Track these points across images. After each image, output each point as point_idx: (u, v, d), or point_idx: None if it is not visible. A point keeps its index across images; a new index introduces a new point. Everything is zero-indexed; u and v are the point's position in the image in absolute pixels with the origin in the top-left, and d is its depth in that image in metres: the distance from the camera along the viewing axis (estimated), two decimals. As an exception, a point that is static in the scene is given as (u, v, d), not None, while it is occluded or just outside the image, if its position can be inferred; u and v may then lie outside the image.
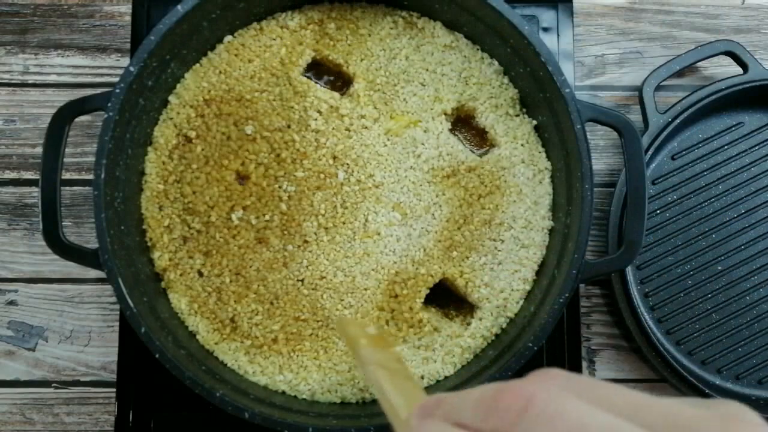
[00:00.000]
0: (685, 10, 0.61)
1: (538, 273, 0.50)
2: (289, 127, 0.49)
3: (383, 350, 0.37)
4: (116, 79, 0.44)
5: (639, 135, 0.46)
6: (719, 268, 0.56)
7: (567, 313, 0.55)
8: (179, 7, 0.45)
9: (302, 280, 0.48)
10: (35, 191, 0.56)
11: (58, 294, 0.55)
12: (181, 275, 0.48)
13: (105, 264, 0.43)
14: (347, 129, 0.49)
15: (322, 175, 0.49)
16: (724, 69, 0.59)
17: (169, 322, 0.46)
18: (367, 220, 0.49)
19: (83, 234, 0.56)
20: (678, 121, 0.55)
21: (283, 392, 0.47)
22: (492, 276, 0.49)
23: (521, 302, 0.49)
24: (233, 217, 0.48)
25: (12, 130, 0.56)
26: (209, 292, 0.48)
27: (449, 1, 0.49)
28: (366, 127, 0.49)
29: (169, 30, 0.45)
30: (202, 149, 0.48)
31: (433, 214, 0.49)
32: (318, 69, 0.52)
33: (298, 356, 0.48)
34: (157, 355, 0.42)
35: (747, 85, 0.55)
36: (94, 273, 0.54)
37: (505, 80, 0.51)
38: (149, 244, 0.48)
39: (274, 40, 0.50)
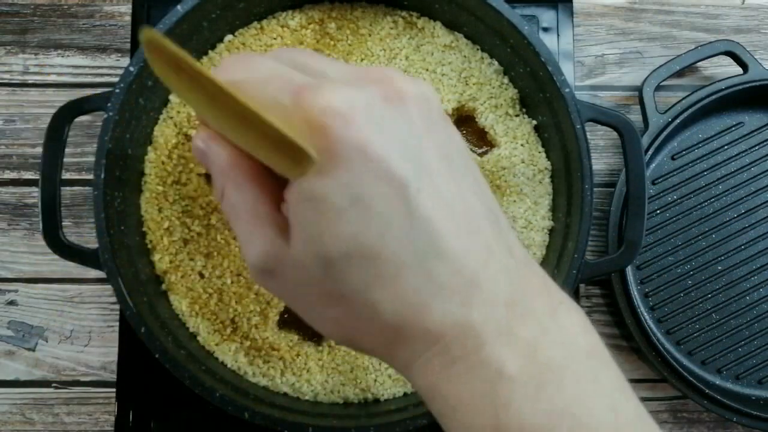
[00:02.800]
0: (685, 10, 0.61)
1: (538, 273, 0.50)
2: (289, 127, 0.49)
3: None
4: (116, 79, 0.44)
5: (639, 135, 0.46)
6: (719, 268, 0.56)
7: (567, 313, 0.55)
8: (179, 7, 0.45)
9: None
10: (35, 191, 0.56)
11: (58, 294, 0.55)
12: (182, 277, 0.48)
13: (105, 264, 0.43)
14: (347, 129, 0.49)
15: (322, 175, 0.49)
16: (724, 69, 0.59)
17: (170, 322, 0.46)
18: (367, 220, 0.49)
19: (83, 234, 0.56)
20: (678, 121, 0.55)
21: (285, 394, 0.47)
22: (492, 276, 0.49)
23: (521, 302, 0.49)
24: (233, 217, 0.48)
25: (12, 130, 0.56)
26: (210, 294, 0.47)
27: (449, 1, 0.49)
28: (366, 127, 0.49)
29: (169, 30, 0.45)
30: (202, 149, 0.48)
31: (433, 214, 0.49)
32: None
33: (300, 358, 0.48)
34: (157, 355, 0.42)
35: (747, 85, 0.55)
36: (94, 273, 0.54)
37: (505, 80, 0.51)
38: (149, 246, 0.48)
39: (274, 39, 0.50)
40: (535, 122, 0.51)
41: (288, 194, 0.23)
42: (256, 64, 0.24)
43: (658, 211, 0.56)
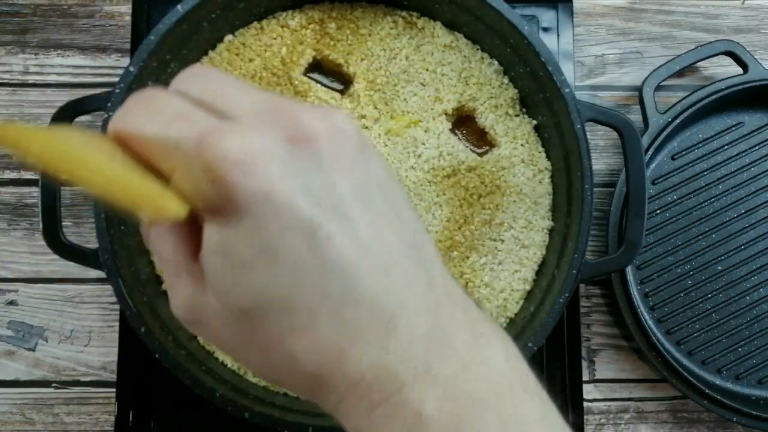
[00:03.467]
0: (685, 10, 0.61)
1: (538, 273, 0.50)
2: (289, 127, 0.49)
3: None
4: (116, 79, 0.44)
5: (639, 135, 0.46)
6: (719, 268, 0.56)
7: (567, 313, 0.55)
8: (179, 7, 0.45)
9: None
10: (35, 191, 0.56)
11: (58, 294, 0.55)
12: (181, 275, 0.48)
13: (105, 264, 0.43)
14: (347, 129, 0.49)
15: (322, 175, 0.49)
16: (724, 69, 0.59)
17: (170, 322, 0.46)
18: (367, 220, 0.49)
19: (83, 234, 0.56)
20: (678, 121, 0.55)
21: (285, 394, 0.47)
22: (492, 276, 0.49)
23: (521, 302, 0.49)
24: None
25: (12, 130, 0.56)
26: (209, 292, 0.47)
27: (449, 1, 0.49)
28: (367, 127, 0.49)
29: (169, 30, 0.45)
30: (202, 149, 0.48)
31: (433, 214, 0.49)
32: (318, 69, 0.52)
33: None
34: (157, 355, 0.42)
35: (747, 85, 0.55)
36: (94, 273, 0.54)
37: (505, 80, 0.51)
38: (149, 244, 0.48)
39: (274, 39, 0.50)
40: (535, 122, 0.51)
41: (201, 246, 0.23)
42: (160, 104, 0.23)
43: (658, 211, 0.56)
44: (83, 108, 0.45)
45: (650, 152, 0.54)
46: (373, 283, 0.22)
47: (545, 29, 0.57)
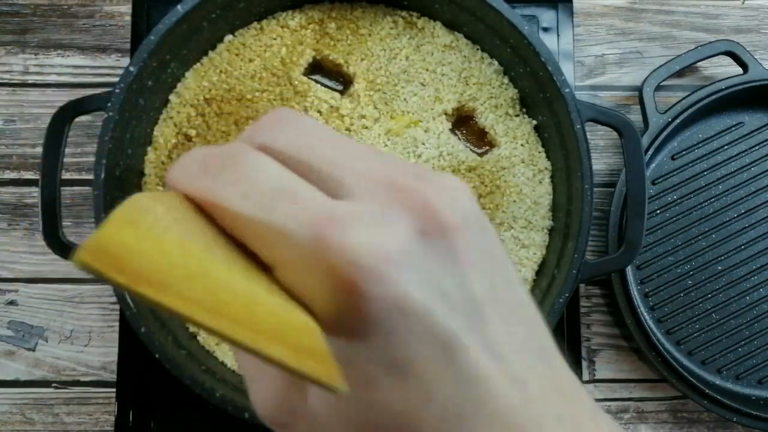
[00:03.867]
0: (685, 10, 0.61)
1: (538, 273, 0.50)
2: (289, 127, 0.49)
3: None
4: (116, 79, 0.44)
5: (639, 135, 0.46)
6: (719, 268, 0.56)
7: (567, 313, 0.55)
8: (179, 7, 0.45)
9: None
10: (35, 191, 0.56)
11: (58, 294, 0.55)
12: (181, 275, 0.48)
13: (105, 264, 0.43)
14: (348, 129, 0.49)
15: (322, 175, 0.49)
16: (724, 69, 0.59)
17: (170, 322, 0.46)
18: (367, 220, 0.48)
19: (83, 234, 0.56)
20: (678, 121, 0.55)
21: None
22: (492, 276, 0.49)
23: (521, 302, 0.49)
24: (233, 217, 0.48)
25: (12, 130, 0.56)
26: (209, 292, 0.47)
27: (449, 1, 0.49)
28: (366, 127, 0.49)
29: (169, 30, 0.45)
30: (202, 149, 0.48)
31: (433, 214, 0.49)
32: (318, 69, 0.52)
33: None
34: (157, 355, 0.42)
35: (747, 85, 0.55)
36: (94, 273, 0.54)
37: (505, 80, 0.51)
38: (149, 244, 0.48)
39: (274, 39, 0.50)
40: (535, 122, 0.51)
41: None
42: (252, 173, 0.19)
43: (658, 211, 0.56)
44: (83, 108, 0.45)
45: (650, 152, 0.54)
46: (509, 397, 0.20)
47: (545, 29, 0.57)
